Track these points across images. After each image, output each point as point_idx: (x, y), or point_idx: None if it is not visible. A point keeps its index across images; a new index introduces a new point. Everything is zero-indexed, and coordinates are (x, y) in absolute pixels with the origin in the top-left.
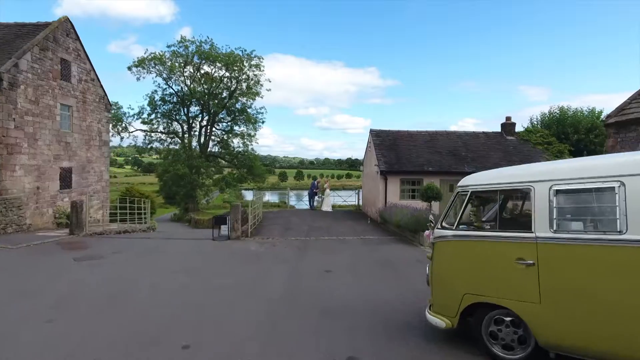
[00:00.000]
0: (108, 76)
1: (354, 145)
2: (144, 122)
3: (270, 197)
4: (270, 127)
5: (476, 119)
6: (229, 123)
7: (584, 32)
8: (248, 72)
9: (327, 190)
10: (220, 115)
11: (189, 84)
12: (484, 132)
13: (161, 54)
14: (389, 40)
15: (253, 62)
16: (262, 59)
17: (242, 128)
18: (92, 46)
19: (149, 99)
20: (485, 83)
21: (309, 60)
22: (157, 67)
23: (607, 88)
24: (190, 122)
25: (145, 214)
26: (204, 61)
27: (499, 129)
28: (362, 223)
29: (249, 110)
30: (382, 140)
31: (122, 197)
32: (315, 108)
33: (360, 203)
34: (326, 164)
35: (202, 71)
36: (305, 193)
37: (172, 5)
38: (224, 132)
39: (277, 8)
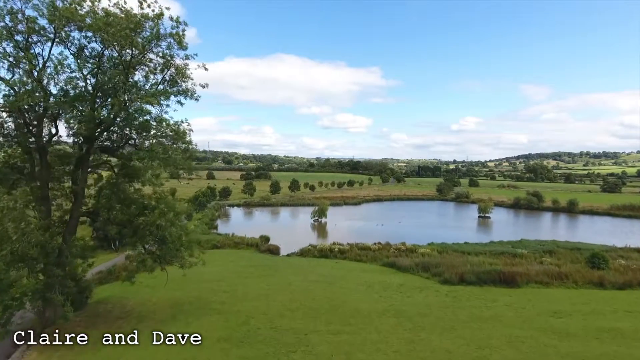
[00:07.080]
0: None
1: (355, 144)
2: None
3: (257, 217)
4: (272, 126)
5: (477, 117)
6: (120, 150)
7: (585, 31)
8: (153, 45)
9: None
10: (110, 135)
11: (35, 75)
12: None
13: None
14: (392, 41)
15: (168, 25)
16: (183, 23)
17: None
18: None
19: None
20: (486, 82)
21: (312, 60)
22: None
23: (607, 87)
24: (45, 148)
25: None
26: (55, 28)
27: (499, 129)
28: None
29: (162, 122)
30: None
31: None
32: (317, 107)
33: None
34: (326, 165)
35: (71, 50)
36: (300, 210)
37: (177, 7)
38: (112, 170)
39: (280, 9)
